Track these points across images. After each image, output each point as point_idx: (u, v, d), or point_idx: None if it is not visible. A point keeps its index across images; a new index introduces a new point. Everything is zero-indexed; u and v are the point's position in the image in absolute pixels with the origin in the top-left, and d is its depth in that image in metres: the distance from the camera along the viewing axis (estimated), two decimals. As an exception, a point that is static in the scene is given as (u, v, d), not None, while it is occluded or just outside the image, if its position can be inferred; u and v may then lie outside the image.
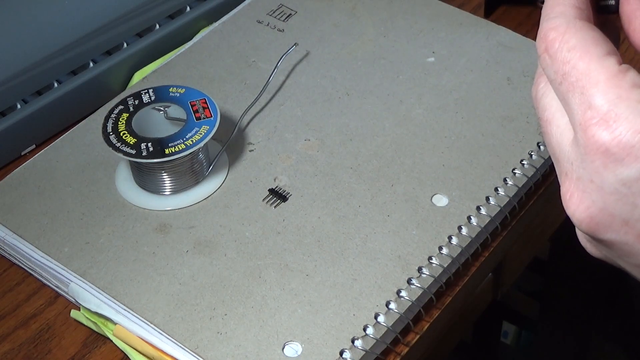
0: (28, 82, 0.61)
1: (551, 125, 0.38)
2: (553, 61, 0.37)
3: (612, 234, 0.36)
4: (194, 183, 0.56)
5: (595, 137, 0.35)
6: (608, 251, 0.37)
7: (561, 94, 0.37)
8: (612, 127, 0.34)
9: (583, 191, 0.36)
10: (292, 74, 0.65)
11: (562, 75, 0.37)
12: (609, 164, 0.35)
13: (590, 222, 0.36)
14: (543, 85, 0.39)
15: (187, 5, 0.70)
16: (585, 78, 0.36)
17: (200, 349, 0.48)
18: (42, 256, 0.53)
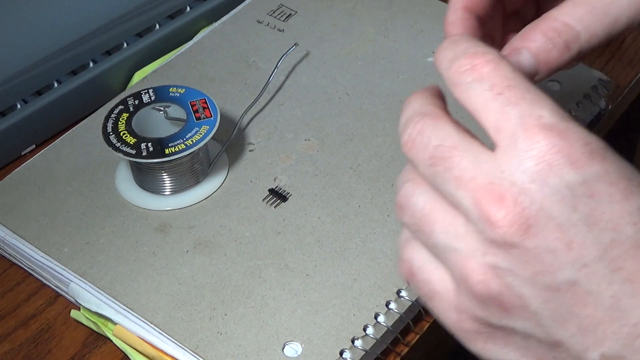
0: (28, 82, 0.61)
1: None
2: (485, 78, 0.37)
3: (541, 239, 0.35)
4: (194, 183, 0.56)
5: (546, 140, 0.35)
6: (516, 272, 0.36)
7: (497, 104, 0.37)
8: (565, 138, 0.35)
9: (519, 193, 0.35)
10: (292, 74, 0.65)
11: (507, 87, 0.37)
12: (555, 167, 0.35)
13: (522, 223, 0.35)
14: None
15: (187, 5, 0.70)
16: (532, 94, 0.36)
17: (200, 349, 0.48)
18: (42, 256, 0.53)
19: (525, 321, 0.36)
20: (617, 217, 0.35)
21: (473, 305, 0.37)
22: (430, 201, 0.38)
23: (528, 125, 0.35)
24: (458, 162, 0.36)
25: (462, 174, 0.36)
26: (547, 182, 0.35)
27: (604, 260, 0.35)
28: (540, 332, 0.36)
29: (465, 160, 0.36)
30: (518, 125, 0.36)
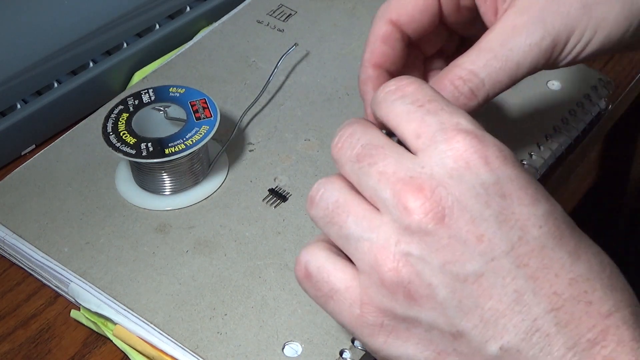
0: (28, 82, 0.61)
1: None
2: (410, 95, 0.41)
3: (454, 229, 0.37)
4: (194, 183, 0.56)
5: (465, 141, 0.38)
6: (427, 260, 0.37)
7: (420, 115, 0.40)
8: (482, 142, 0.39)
9: (437, 185, 0.37)
10: (292, 74, 0.65)
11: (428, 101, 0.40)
12: (472, 165, 0.38)
13: (438, 212, 0.37)
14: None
15: (187, 5, 0.70)
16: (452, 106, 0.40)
17: (200, 349, 0.48)
18: (42, 256, 0.53)
19: (430, 311, 0.37)
20: (525, 218, 0.37)
21: (380, 296, 0.38)
22: (344, 195, 0.40)
23: (447, 129, 0.38)
24: (382, 159, 0.39)
25: (385, 169, 0.38)
26: (464, 178, 0.37)
27: (510, 256, 0.37)
28: (444, 323, 0.37)
29: (389, 158, 0.39)
30: (438, 130, 0.38)
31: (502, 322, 0.37)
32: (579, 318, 0.36)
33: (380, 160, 0.39)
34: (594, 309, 0.37)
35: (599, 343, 0.36)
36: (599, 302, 0.37)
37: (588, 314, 0.37)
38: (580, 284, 0.37)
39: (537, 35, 0.47)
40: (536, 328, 0.36)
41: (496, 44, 0.47)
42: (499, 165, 0.38)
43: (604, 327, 0.36)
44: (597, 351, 0.36)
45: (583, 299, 0.37)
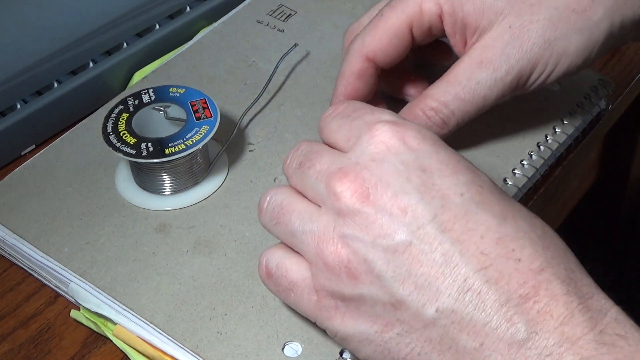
0: (28, 82, 0.61)
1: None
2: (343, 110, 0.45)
3: (378, 205, 0.40)
4: (194, 183, 0.56)
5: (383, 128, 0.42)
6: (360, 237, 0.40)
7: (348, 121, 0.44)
8: (400, 126, 0.42)
9: (361, 169, 0.41)
10: (292, 74, 0.65)
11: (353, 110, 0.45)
12: (392, 147, 0.41)
13: (363, 192, 0.40)
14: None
15: (187, 5, 0.70)
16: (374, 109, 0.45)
17: (200, 349, 0.48)
18: (42, 256, 0.53)
19: (370, 285, 0.40)
20: (446, 187, 0.40)
21: (328, 280, 0.41)
22: (288, 198, 0.44)
23: (370, 125, 0.42)
24: (319, 160, 0.43)
25: (320, 167, 0.43)
26: (385, 160, 0.41)
27: (435, 223, 0.39)
28: (384, 294, 0.40)
29: (325, 159, 0.43)
30: (362, 128, 0.42)
31: (434, 286, 0.39)
32: (508, 275, 0.38)
33: (317, 162, 0.43)
34: (524, 265, 0.38)
35: (531, 298, 0.38)
36: (528, 259, 0.38)
37: (518, 270, 0.38)
38: (508, 242, 0.39)
39: (503, 70, 0.51)
40: (467, 287, 0.38)
41: (464, 78, 0.52)
42: (417, 143, 0.41)
43: (535, 282, 0.38)
44: (531, 306, 0.37)
45: (511, 257, 0.38)
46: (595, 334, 0.37)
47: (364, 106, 0.44)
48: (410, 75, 0.59)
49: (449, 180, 0.40)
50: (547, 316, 0.37)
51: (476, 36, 0.52)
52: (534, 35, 0.51)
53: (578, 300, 0.38)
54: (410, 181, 0.40)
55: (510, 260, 0.38)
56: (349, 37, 0.58)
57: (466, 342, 0.38)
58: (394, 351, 0.40)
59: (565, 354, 0.36)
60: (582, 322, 0.37)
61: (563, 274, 0.38)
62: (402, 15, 0.53)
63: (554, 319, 0.37)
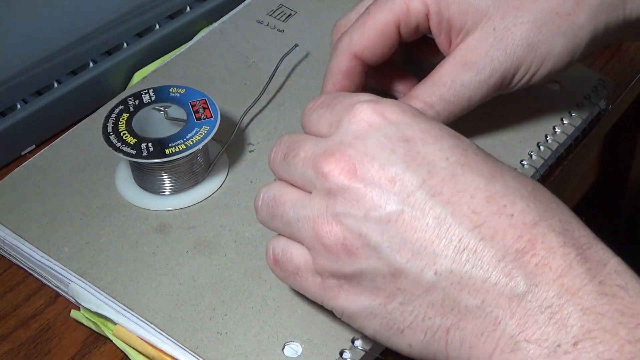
0: (28, 82, 0.61)
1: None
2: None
3: (367, 179, 0.41)
4: (194, 183, 0.56)
5: (362, 107, 0.42)
6: (352, 213, 0.41)
7: (327, 111, 0.44)
8: (379, 103, 0.43)
9: (346, 148, 0.41)
10: (292, 74, 0.65)
11: (331, 98, 0.45)
12: (373, 123, 0.42)
13: (350, 169, 0.41)
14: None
15: (187, 5, 0.70)
16: (352, 96, 0.44)
17: (200, 349, 0.48)
18: (42, 256, 0.53)
19: (368, 259, 0.40)
20: (431, 154, 0.40)
21: (328, 260, 0.42)
22: (279, 190, 0.45)
23: (350, 106, 0.43)
24: (302, 148, 0.43)
25: (305, 154, 0.43)
26: (368, 135, 0.41)
27: (423, 189, 0.40)
28: (383, 265, 0.40)
29: (308, 145, 0.43)
30: (343, 111, 0.43)
31: (430, 249, 0.39)
32: (503, 231, 0.38)
33: (301, 150, 0.43)
34: (517, 220, 0.39)
35: (528, 252, 0.38)
36: (521, 214, 0.39)
37: (512, 225, 0.38)
38: (498, 200, 0.39)
39: (486, 72, 0.52)
40: (463, 247, 0.38)
41: (449, 79, 0.52)
42: (397, 116, 0.42)
43: (530, 236, 0.38)
44: (528, 259, 0.38)
45: (504, 213, 0.39)
46: (595, 284, 0.37)
47: (342, 94, 0.45)
48: (398, 71, 0.59)
49: (432, 147, 0.41)
50: (546, 269, 0.37)
51: (461, 37, 0.53)
52: (517, 38, 0.51)
53: (576, 252, 0.38)
54: (395, 152, 0.41)
55: (502, 216, 0.39)
56: (337, 33, 0.58)
57: (467, 301, 0.38)
58: (399, 321, 0.41)
59: (566, 305, 0.37)
60: (581, 273, 0.37)
61: (558, 226, 0.39)
62: (389, 13, 0.53)
63: (552, 271, 0.37)
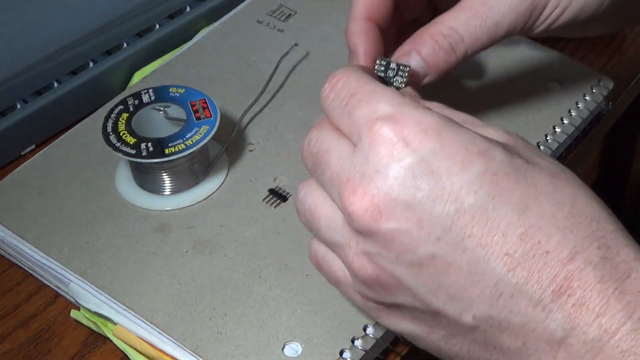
0: (28, 82, 0.61)
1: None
2: (338, 92, 0.42)
3: (393, 221, 0.38)
4: (194, 183, 0.56)
5: (381, 131, 0.39)
6: (383, 255, 0.39)
7: (345, 113, 0.41)
8: (398, 123, 0.39)
9: (368, 183, 0.39)
10: (292, 74, 0.65)
11: (350, 96, 0.41)
12: (394, 153, 0.38)
13: (374, 210, 0.38)
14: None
15: (187, 5, 0.70)
16: (371, 93, 0.41)
17: (200, 349, 0.48)
18: (42, 256, 0.53)
19: (404, 297, 0.39)
20: (457, 188, 0.38)
21: (365, 289, 0.41)
22: (315, 200, 0.43)
23: (368, 122, 0.40)
24: (328, 162, 0.42)
25: (332, 173, 0.41)
26: (389, 168, 0.38)
27: (453, 231, 0.37)
28: (420, 305, 0.39)
29: (333, 160, 0.41)
30: (362, 125, 0.40)
31: (466, 295, 0.38)
32: (538, 271, 0.37)
33: (327, 165, 0.41)
34: (553, 257, 0.37)
35: (565, 292, 0.36)
36: (556, 248, 0.37)
37: (547, 264, 0.37)
38: (532, 235, 0.37)
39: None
40: (499, 292, 0.37)
41: (477, 3, 0.49)
42: (420, 142, 0.38)
43: (566, 274, 0.36)
44: (565, 300, 0.36)
45: (538, 251, 0.37)
46: (634, 321, 0.36)
47: (359, 88, 0.42)
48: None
49: (459, 178, 0.38)
50: (583, 309, 0.36)
51: None
52: None
53: (614, 285, 0.36)
54: (420, 189, 0.38)
55: (537, 255, 0.37)
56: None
57: (509, 343, 0.38)
58: (445, 349, 0.41)
59: (606, 347, 0.36)
60: (620, 310, 0.36)
61: (596, 256, 0.37)
62: None
63: (590, 310, 0.36)
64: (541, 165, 0.40)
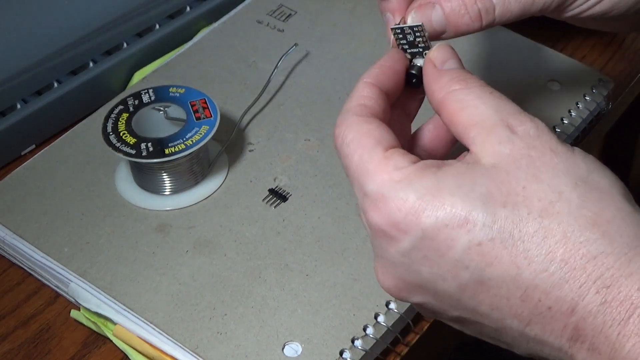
0: (28, 82, 0.61)
1: None
2: (340, 155, 0.41)
3: (417, 297, 0.40)
4: (194, 183, 0.56)
5: (372, 220, 0.38)
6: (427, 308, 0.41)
7: (346, 172, 0.41)
8: (381, 210, 0.38)
9: (382, 266, 0.40)
10: (292, 74, 0.65)
11: (346, 167, 0.41)
12: (389, 242, 0.38)
13: (396, 290, 0.40)
14: None
15: (187, 5, 0.70)
16: (358, 169, 0.39)
17: (200, 349, 0.48)
18: (42, 256, 0.53)
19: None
20: (451, 267, 0.38)
21: None
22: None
23: (366, 205, 0.39)
24: (354, 187, 0.41)
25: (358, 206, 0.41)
26: (392, 257, 0.39)
27: (463, 301, 0.38)
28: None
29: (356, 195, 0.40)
30: (362, 201, 0.39)
31: (503, 341, 0.39)
32: (549, 324, 0.37)
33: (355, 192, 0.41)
34: (556, 311, 0.37)
35: (578, 339, 0.36)
36: (556, 303, 0.36)
37: (554, 318, 0.37)
38: (531, 295, 0.37)
39: None
40: (525, 340, 0.38)
41: None
42: (407, 228, 0.38)
43: (574, 324, 0.36)
44: (579, 347, 0.36)
45: (542, 309, 0.37)
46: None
47: (353, 157, 0.40)
48: None
49: (447, 258, 0.38)
50: (595, 354, 0.36)
51: None
52: None
53: (617, 330, 0.35)
54: (421, 272, 0.39)
55: (543, 312, 0.37)
56: None
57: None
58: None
59: None
60: (624, 356, 0.35)
61: (595, 304, 0.36)
62: None
63: (603, 354, 0.36)
64: (532, 197, 0.37)
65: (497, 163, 0.37)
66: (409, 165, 0.38)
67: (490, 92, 0.40)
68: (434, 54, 0.43)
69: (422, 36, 0.44)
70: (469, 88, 0.40)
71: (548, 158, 0.37)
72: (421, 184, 0.37)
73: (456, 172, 0.38)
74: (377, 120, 0.41)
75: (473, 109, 0.39)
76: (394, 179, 0.38)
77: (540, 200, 0.36)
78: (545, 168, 0.37)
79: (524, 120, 0.39)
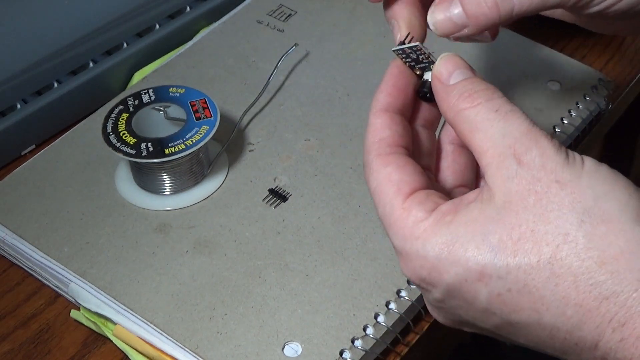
0: (28, 82, 0.61)
1: None
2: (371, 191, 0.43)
3: (467, 328, 0.42)
4: (194, 183, 0.56)
5: (404, 272, 0.41)
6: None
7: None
8: (408, 266, 0.40)
9: (431, 307, 0.42)
10: (292, 74, 0.65)
11: (379, 209, 0.42)
12: (424, 291, 0.41)
13: (450, 323, 0.42)
14: None
15: (187, 5, 0.70)
16: (384, 221, 0.42)
17: (200, 349, 0.48)
18: (42, 256, 0.53)
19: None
20: (480, 315, 0.40)
21: None
22: None
23: (400, 258, 0.41)
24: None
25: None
26: (430, 305, 0.42)
27: (503, 335, 0.40)
28: None
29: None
30: (397, 250, 0.41)
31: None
32: (582, 356, 0.38)
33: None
34: (582, 347, 0.38)
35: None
36: (580, 341, 0.38)
37: (583, 351, 0.38)
38: (556, 335, 0.38)
39: None
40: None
41: None
42: (434, 280, 0.40)
43: (600, 356, 0.37)
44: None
45: (570, 344, 0.38)
46: None
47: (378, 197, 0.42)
48: None
49: (474, 309, 0.40)
50: None
51: None
52: None
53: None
54: (454, 319, 0.42)
55: (570, 347, 0.38)
56: None
57: None
58: None
59: None
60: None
61: (614, 341, 0.37)
62: None
63: None
64: (541, 242, 0.38)
65: (508, 202, 0.38)
66: (426, 218, 0.40)
67: (496, 111, 0.40)
68: (438, 69, 0.43)
69: (423, 54, 0.44)
70: (475, 107, 0.40)
71: (554, 192, 0.38)
72: (437, 240, 0.39)
73: (469, 219, 0.39)
74: (395, 157, 0.42)
75: (482, 134, 0.40)
76: (414, 236, 0.40)
77: (548, 244, 0.37)
78: (551, 206, 0.38)
79: (529, 146, 0.39)
